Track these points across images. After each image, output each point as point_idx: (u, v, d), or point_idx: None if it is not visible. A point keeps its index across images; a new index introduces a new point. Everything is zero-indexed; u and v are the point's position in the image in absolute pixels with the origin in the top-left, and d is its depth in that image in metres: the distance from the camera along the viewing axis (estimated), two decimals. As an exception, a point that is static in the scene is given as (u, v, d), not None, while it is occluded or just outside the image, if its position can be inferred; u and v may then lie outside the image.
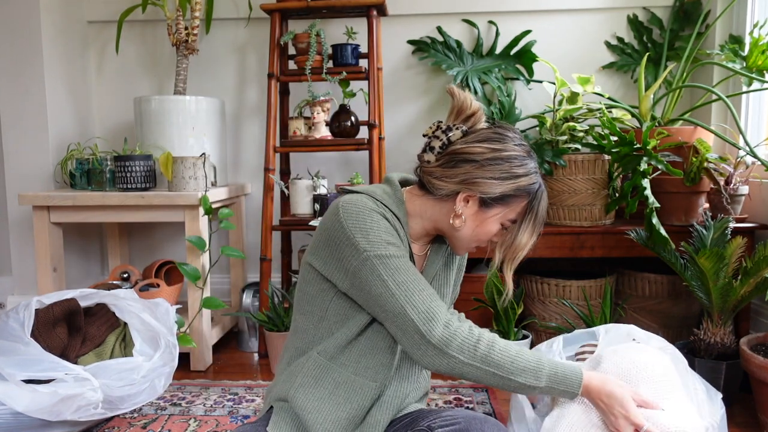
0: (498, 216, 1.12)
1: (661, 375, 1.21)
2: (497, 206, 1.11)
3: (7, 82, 2.45)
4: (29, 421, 1.52)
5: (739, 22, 2.36)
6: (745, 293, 1.79)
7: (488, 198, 1.09)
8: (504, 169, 1.08)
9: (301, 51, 2.38)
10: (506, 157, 1.09)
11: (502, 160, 1.09)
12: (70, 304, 1.86)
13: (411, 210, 1.17)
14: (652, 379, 1.19)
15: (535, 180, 1.12)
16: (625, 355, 1.25)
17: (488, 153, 1.09)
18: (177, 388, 2.01)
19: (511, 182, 1.09)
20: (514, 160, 1.09)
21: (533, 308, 2.34)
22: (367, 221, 1.07)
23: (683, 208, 2.14)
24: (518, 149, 1.11)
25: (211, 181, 2.28)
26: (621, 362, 1.23)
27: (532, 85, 2.59)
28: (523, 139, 1.14)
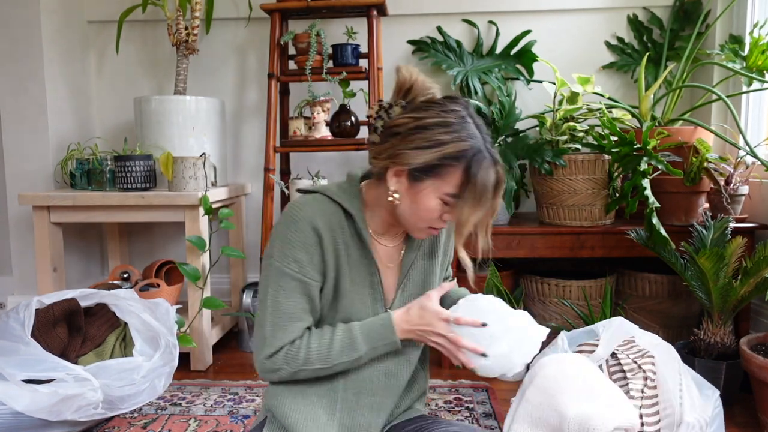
0: (431, 189, 1.05)
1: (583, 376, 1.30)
2: (428, 178, 1.04)
3: (7, 82, 2.45)
4: (29, 421, 1.52)
5: (739, 22, 2.36)
6: (745, 293, 1.79)
7: (414, 170, 1.04)
8: (426, 137, 1.02)
9: (301, 51, 2.38)
10: (429, 125, 1.03)
11: (424, 128, 1.03)
12: (71, 304, 1.86)
13: (369, 201, 1.15)
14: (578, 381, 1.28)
15: (465, 147, 1.02)
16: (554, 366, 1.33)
17: (411, 123, 1.04)
18: (177, 388, 2.01)
19: (435, 150, 1.02)
20: (438, 127, 1.03)
21: (533, 308, 2.34)
22: (290, 232, 1.08)
23: (683, 208, 2.14)
24: (447, 116, 1.04)
25: (211, 181, 2.28)
26: (551, 373, 1.31)
27: (532, 85, 2.59)
28: (464, 107, 1.07)
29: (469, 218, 1.05)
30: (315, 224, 1.08)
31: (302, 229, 1.08)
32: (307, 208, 1.10)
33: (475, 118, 1.07)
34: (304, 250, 1.08)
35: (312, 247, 1.08)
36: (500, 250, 2.20)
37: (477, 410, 1.83)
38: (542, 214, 2.30)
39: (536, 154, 2.18)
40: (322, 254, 1.10)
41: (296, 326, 1.10)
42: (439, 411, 1.82)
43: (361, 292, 1.15)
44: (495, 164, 1.05)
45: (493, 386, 2.02)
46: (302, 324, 1.11)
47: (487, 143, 1.06)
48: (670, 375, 1.39)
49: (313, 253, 1.09)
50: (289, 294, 1.09)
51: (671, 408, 1.36)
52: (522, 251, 2.20)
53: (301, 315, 1.10)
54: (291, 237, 1.08)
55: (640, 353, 1.44)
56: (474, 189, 1.03)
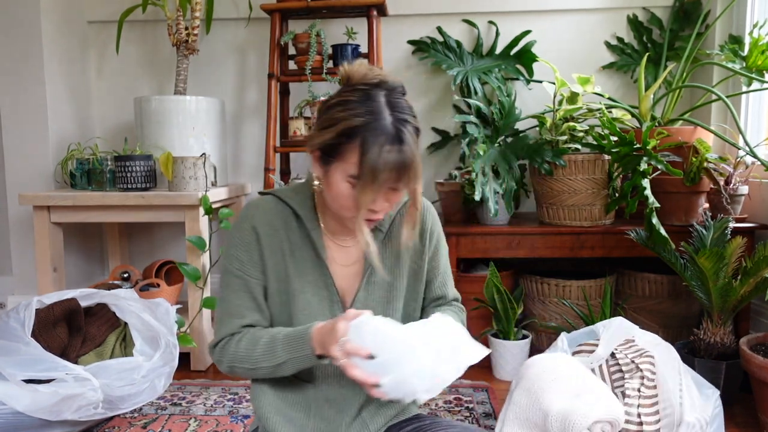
0: (337, 172, 1.00)
1: (566, 375, 1.32)
2: (333, 161, 1.00)
3: (7, 82, 2.45)
4: (30, 421, 1.52)
5: (738, 22, 2.36)
6: (745, 293, 1.79)
7: (322, 152, 1.01)
8: (328, 117, 1.00)
9: (302, 51, 2.38)
10: (332, 104, 1.01)
11: (327, 108, 1.01)
12: (71, 304, 1.86)
13: (321, 200, 1.12)
14: (561, 380, 1.30)
15: (358, 123, 0.96)
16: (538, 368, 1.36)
17: (321, 106, 1.04)
18: (177, 388, 2.01)
19: (332, 129, 0.98)
20: (337, 106, 0.99)
21: (533, 308, 2.34)
22: (236, 234, 1.12)
23: (683, 208, 2.14)
24: (349, 95, 1.00)
25: (211, 181, 2.28)
26: (535, 374, 1.34)
27: (532, 85, 2.59)
28: (378, 87, 1.00)
29: (364, 201, 0.98)
30: (254, 224, 1.11)
31: (242, 229, 1.11)
32: (251, 209, 1.12)
33: (392, 97, 1.00)
34: (243, 248, 1.11)
35: (251, 245, 1.11)
36: (500, 250, 2.21)
37: (477, 410, 1.83)
38: (542, 214, 2.30)
39: (536, 154, 2.18)
40: (261, 253, 1.11)
41: (235, 323, 1.11)
42: (439, 411, 1.82)
43: (317, 294, 1.12)
44: (397, 143, 0.96)
45: (493, 386, 2.02)
46: (241, 321, 1.11)
47: (397, 122, 0.97)
48: (670, 375, 1.40)
49: (252, 251, 1.11)
50: (231, 291, 1.12)
51: (671, 408, 1.37)
52: (522, 251, 2.20)
53: (242, 312, 1.11)
54: (234, 237, 1.12)
55: (639, 353, 1.45)
56: (366, 168, 0.96)
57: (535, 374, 1.35)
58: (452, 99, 2.65)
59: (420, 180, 1.02)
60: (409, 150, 0.98)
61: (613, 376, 1.47)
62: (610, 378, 1.47)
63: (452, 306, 1.25)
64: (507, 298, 2.06)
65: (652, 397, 1.39)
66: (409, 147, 0.98)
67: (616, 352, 1.47)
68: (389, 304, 1.15)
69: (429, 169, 2.72)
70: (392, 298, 1.15)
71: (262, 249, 1.11)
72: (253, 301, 1.12)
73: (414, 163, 0.99)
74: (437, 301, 1.24)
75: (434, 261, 1.20)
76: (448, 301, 1.25)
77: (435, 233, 1.20)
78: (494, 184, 2.17)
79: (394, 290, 1.16)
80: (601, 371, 1.48)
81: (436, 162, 2.72)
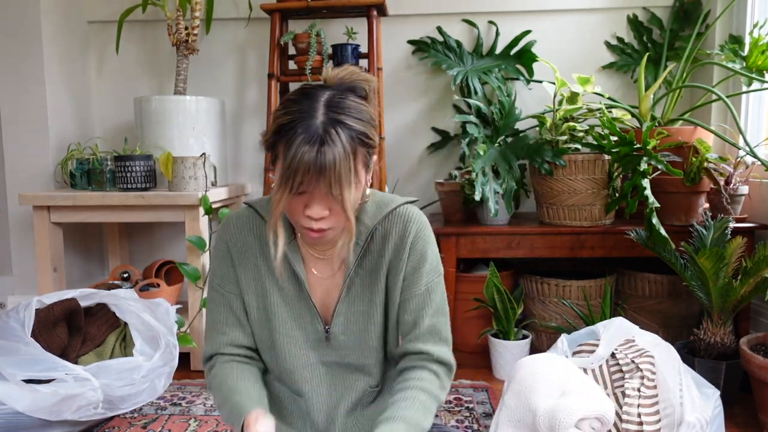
0: (277, 173, 0.96)
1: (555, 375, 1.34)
2: (277, 163, 0.96)
3: (7, 82, 2.45)
4: (29, 421, 1.52)
5: (739, 22, 2.36)
6: (745, 293, 1.79)
7: (270, 153, 0.99)
8: (273, 116, 0.98)
9: (301, 51, 2.38)
10: (279, 104, 0.99)
11: (276, 108, 0.99)
12: (71, 304, 1.86)
13: None
14: (549, 379, 1.32)
15: (286, 120, 0.93)
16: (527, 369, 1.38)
17: None
18: (177, 388, 2.01)
19: (271, 128, 0.96)
20: (280, 105, 0.97)
21: (533, 308, 2.34)
22: (213, 250, 1.13)
23: (683, 208, 2.14)
24: (293, 94, 0.97)
25: (211, 181, 2.28)
26: (524, 375, 1.36)
27: (532, 85, 2.59)
28: (313, 87, 0.97)
29: (276, 202, 0.94)
30: (226, 239, 1.10)
31: (218, 246, 1.12)
32: (224, 226, 1.12)
33: (337, 97, 0.94)
34: (220, 263, 1.11)
35: (225, 260, 1.11)
36: (500, 250, 2.20)
37: (477, 410, 1.83)
38: (542, 214, 2.30)
39: (536, 154, 2.18)
40: (235, 270, 1.10)
41: (219, 339, 1.11)
42: (439, 410, 1.82)
43: (296, 308, 1.09)
44: (317, 143, 0.89)
45: (493, 386, 2.02)
46: (225, 338, 1.10)
47: (327, 122, 0.91)
48: (670, 375, 1.40)
49: (228, 268, 1.11)
50: (214, 305, 1.12)
51: (671, 407, 1.37)
52: (522, 251, 2.20)
53: (223, 328, 1.11)
54: (213, 252, 1.13)
55: (639, 352, 1.45)
56: (282, 167, 0.92)
57: (523, 376, 1.35)
58: (452, 99, 2.65)
59: (348, 187, 0.92)
60: (332, 152, 0.89)
61: (614, 376, 1.47)
62: (611, 378, 1.47)
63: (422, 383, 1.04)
64: (507, 298, 2.06)
65: (652, 397, 1.39)
66: (332, 148, 0.90)
67: (616, 352, 1.48)
68: (370, 318, 1.09)
69: (429, 169, 2.72)
70: (372, 313, 1.09)
71: (235, 266, 1.10)
72: (233, 316, 1.11)
73: (335, 166, 0.90)
74: (412, 358, 1.08)
75: (412, 279, 1.07)
76: (432, 359, 1.07)
77: (417, 248, 1.07)
78: (494, 184, 2.17)
79: (373, 305, 1.09)
80: (601, 371, 1.48)
81: (436, 162, 2.72)
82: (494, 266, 2.09)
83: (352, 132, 0.93)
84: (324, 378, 1.12)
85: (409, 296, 1.08)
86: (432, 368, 1.07)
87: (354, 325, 1.10)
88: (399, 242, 1.07)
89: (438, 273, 1.10)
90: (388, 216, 1.08)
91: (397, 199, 1.10)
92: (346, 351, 1.11)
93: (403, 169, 2.73)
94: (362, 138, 0.94)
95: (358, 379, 1.13)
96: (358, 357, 1.11)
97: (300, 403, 1.13)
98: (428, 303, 1.08)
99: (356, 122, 0.94)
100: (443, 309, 1.10)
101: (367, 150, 0.97)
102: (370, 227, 1.07)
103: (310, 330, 1.10)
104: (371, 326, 1.10)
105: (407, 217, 1.08)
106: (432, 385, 1.05)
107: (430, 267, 1.08)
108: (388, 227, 1.07)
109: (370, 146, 0.97)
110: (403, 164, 2.72)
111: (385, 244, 1.07)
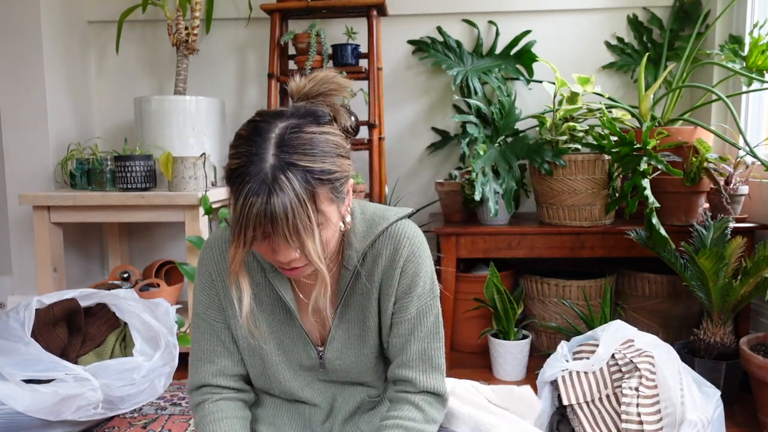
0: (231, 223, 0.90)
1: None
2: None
3: (7, 82, 2.45)
4: (29, 421, 1.52)
5: (739, 22, 2.36)
6: (745, 293, 1.79)
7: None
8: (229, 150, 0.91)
9: (301, 51, 2.38)
10: (234, 137, 0.90)
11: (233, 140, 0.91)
12: (71, 304, 1.86)
13: None
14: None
15: (234, 165, 0.84)
16: None
17: None
18: (177, 388, 2.01)
19: (225, 167, 0.88)
20: (234, 140, 0.89)
21: (533, 308, 2.34)
22: (196, 276, 1.07)
23: (683, 208, 2.14)
24: (245, 128, 0.89)
25: (211, 181, 2.28)
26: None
27: (532, 85, 2.59)
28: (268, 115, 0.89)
29: (235, 259, 0.87)
30: (209, 268, 1.04)
31: (200, 272, 1.06)
32: (206, 251, 1.05)
33: (289, 132, 0.85)
34: (204, 292, 1.06)
35: (210, 289, 1.05)
36: (500, 250, 2.20)
37: (477, 410, 1.83)
38: (542, 214, 2.30)
39: (536, 154, 2.18)
40: (220, 298, 1.05)
41: (206, 368, 1.06)
42: None
43: (286, 336, 1.05)
44: (264, 192, 0.81)
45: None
46: (213, 367, 1.06)
47: (277, 166, 0.82)
48: (671, 374, 1.40)
49: (212, 296, 1.05)
50: (200, 334, 1.07)
51: (672, 407, 1.37)
52: (522, 251, 2.20)
53: (211, 357, 1.06)
54: (196, 280, 1.08)
55: (638, 352, 1.45)
56: (231, 218, 0.85)
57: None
58: (452, 99, 2.65)
59: (308, 236, 0.83)
60: (281, 201, 0.80)
61: (614, 376, 1.47)
62: (611, 378, 1.47)
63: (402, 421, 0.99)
64: (507, 298, 2.05)
65: (652, 397, 1.39)
66: (282, 197, 0.80)
67: (616, 353, 1.48)
68: (364, 342, 1.05)
69: (429, 169, 2.72)
70: (366, 337, 1.05)
71: (220, 296, 1.04)
72: (221, 344, 1.06)
73: (287, 217, 0.81)
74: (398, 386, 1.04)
75: (402, 302, 1.02)
76: (417, 390, 1.02)
77: (408, 271, 1.00)
78: (494, 184, 2.17)
79: (366, 329, 1.04)
80: (601, 372, 1.48)
81: (436, 162, 2.72)
82: (494, 266, 2.09)
83: (307, 174, 0.83)
84: (322, 391, 1.10)
85: (399, 320, 1.02)
86: (415, 401, 1.02)
87: (349, 349, 1.06)
88: (389, 265, 1.00)
89: (432, 295, 1.03)
90: (380, 237, 1.00)
91: (390, 216, 1.02)
92: (343, 373, 1.08)
93: (403, 169, 2.73)
94: (322, 177, 0.84)
95: (358, 391, 1.11)
96: (356, 376, 1.09)
97: (299, 410, 1.12)
98: (418, 327, 1.02)
99: (312, 160, 0.84)
100: (436, 333, 1.04)
101: (332, 185, 0.86)
102: (360, 251, 1.00)
103: (304, 357, 1.06)
104: (366, 350, 1.06)
105: (399, 237, 1.00)
106: (414, 422, 0.99)
107: (422, 290, 1.02)
108: (379, 248, 1.00)
109: (336, 179, 0.87)
110: (403, 164, 2.72)
111: (374, 266, 1.01)
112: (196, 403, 1.07)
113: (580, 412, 1.47)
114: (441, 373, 1.04)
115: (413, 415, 1.00)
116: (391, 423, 0.99)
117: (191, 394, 1.09)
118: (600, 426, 1.44)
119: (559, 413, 1.53)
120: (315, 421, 1.11)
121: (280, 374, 1.07)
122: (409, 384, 1.02)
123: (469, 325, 2.27)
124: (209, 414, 1.04)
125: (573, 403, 1.48)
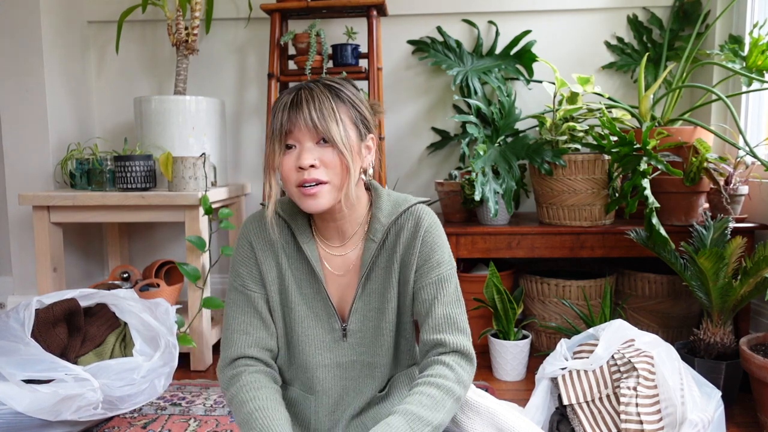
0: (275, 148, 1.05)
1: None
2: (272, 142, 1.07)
3: (7, 82, 2.45)
4: (29, 421, 1.52)
5: (739, 22, 2.36)
6: (745, 293, 1.79)
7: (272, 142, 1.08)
8: None
9: (301, 51, 2.38)
10: None
11: None
12: (70, 304, 1.86)
13: None
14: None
15: (282, 99, 1.03)
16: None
17: None
18: (177, 388, 2.01)
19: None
20: None
21: (533, 308, 2.34)
22: (236, 250, 1.15)
23: (683, 208, 2.14)
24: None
25: (211, 181, 2.29)
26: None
27: (532, 85, 2.59)
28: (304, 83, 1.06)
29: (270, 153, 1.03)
30: (249, 239, 1.13)
31: (240, 245, 1.14)
32: (248, 224, 1.14)
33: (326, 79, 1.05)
34: (243, 264, 1.13)
35: (249, 260, 1.13)
36: (500, 250, 2.21)
37: (477, 410, 1.83)
38: (542, 214, 2.30)
39: (536, 154, 2.18)
40: (259, 268, 1.12)
41: (242, 340, 1.10)
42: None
43: (312, 306, 1.12)
44: (295, 90, 1.02)
45: (492, 386, 2.02)
46: (249, 338, 1.10)
47: (311, 81, 1.04)
48: (671, 374, 1.40)
49: (251, 266, 1.12)
50: (235, 307, 1.12)
51: (673, 407, 1.37)
52: (522, 251, 2.20)
53: (246, 328, 1.11)
54: (235, 253, 1.15)
55: (637, 352, 1.45)
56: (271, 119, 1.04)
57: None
58: (452, 99, 2.65)
59: (332, 121, 0.98)
60: (308, 94, 1.00)
61: (614, 376, 1.47)
62: (611, 378, 1.47)
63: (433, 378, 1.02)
64: (507, 298, 2.05)
65: (652, 397, 1.39)
66: (309, 92, 1.00)
67: (615, 353, 1.48)
68: (383, 315, 1.13)
69: (429, 169, 2.72)
70: (385, 310, 1.12)
71: (260, 264, 1.12)
72: (257, 316, 1.12)
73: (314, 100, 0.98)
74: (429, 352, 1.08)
75: (423, 269, 1.10)
76: (446, 350, 1.07)
77: (428, 241, 1.10)
78: (494, 184, 2.17)
79: (386, 301, 1.12)
80: (601, 372, 1.48)
81: (436, 162, 2.72)
82: (494, 266, 2.09)
83: (338, 90, 1.02)
84: (336, 380, 1.14)
85: (421, 286, 1.10)
86: (446, 361, 1.05)
87: (369, 321, 1.13)
88: (411, 236, 1.10)
89: (450, 266, 1.12)
90: (403, 214, 1.12)
91: (411, 199, 1.15)
92: (362, 348, 1.13)
93: (403, 169, 2.73)
94: (351, 100, 1.03)
95: (368, 384, 1.15)
96: (371, 355, 1.14)
97: (310, 401, 1.14)
98: (441, 292, 1.09)
99: (345, 88, 1.03)
100: (457, 300, 1.11)
101: (357, 112, 1.04)
102: (386, 225, 1.10)
103: (327, 328, 1.12)
104: (384, 323, 1.13)
105: (419, 213, 1.12)
106: (444, 380, 1.02)
107: (441, 258, 1.10)
108: (402, 223, 1.11)
109: (361, 113, 1.04)
110: (403, 164, 2.73)
111: (398, 239, 1.11)
112: (230, 377, 1.09)
113: (580, 411, 1.47)
114: (467, 336, 1.10)
115: (444, 373, 1.04)
116: (423, 381, 1.03)
117: (224, 370, 1.11)
118: (600, 426, 1.44)
119: (559, 413, 1.53)
120: (322, 411, 1.14)
121: (301, 346, 1.13)
122: (440, 345, 1.07)
123: (469, 325, 2.27)
124: (247, 384, 1.06)
125: (573, 402, 1.48)
